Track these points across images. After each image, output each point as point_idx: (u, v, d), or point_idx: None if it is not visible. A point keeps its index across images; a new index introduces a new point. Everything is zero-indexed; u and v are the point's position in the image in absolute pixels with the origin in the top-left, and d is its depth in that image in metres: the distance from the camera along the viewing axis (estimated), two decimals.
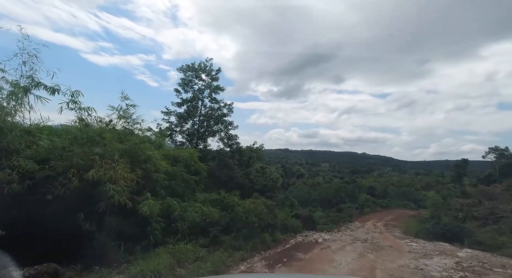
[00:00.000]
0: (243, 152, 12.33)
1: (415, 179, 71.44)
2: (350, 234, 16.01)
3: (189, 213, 5.42)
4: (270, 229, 8.81)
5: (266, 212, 7.96)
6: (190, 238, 5.70)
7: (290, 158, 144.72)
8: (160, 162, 5.37)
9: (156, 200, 5.24)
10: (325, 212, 37.53)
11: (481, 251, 10.34)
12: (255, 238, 7.40)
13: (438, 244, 13.35)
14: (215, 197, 7.10)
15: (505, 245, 13.95)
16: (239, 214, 6.98)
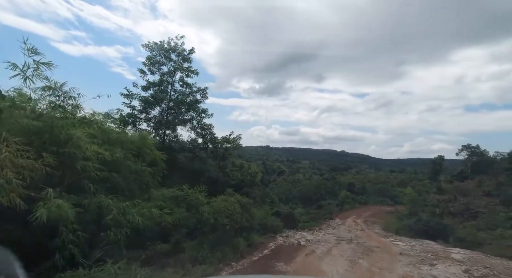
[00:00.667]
0: (218, 143, 10.83)
1: (390, 176, 73.34)
2: (333, 232, 15.07)
3: (131, 216, 3.89)
4: (246, 231, 7.45)
5: (240, 212, 6.57)
6: (132, 251, 4.20)
7: (271, 155, 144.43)
8: (89, 146, 3.77)
9: (83, 198, 3.67)
10: (306, 209, 36.86)
11: (472, 250, 9.64)
12: (226, 244, 5.99)
13: (423, 242, 12.69)
14: (176, 194, 5.55)
15: (485, 242, 13.62)
16: (204, 215, 5.50)
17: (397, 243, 11.07)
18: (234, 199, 7.05)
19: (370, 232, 16.76)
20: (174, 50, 10.88)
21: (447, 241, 13.71)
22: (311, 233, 14.20)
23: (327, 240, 10.62)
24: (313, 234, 13.36)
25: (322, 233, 14.41)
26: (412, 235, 15.35)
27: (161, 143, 10.71)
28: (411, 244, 11.20)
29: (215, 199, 6.80)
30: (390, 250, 8.81)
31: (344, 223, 22.16)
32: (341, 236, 12.60)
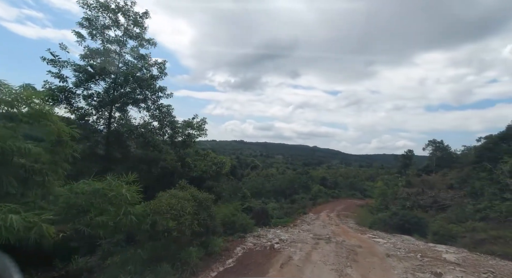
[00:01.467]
0: (178, 128, 8.92)
1: (359, 171, 75.75)
2: (308, 229, 13.93)
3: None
4: (205, 235, 5.72)
5: (191, 211, 4.79)
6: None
7: (245, 149, 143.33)
8: None
9: None
10: (279, 203, 36.03)
11: (457, 248, 8.88)
12: (170, 257, 4.26)
13: (402, 238, 11.96)
14: (94, 187, 3.63)
15: (458, 235, 13.33)
16: (131, 218, 3.65)
17: (377, 240, 10.10)
18: (187, 194, 5.28)
19: (345, 227, 15.95)
20: (120, 10, 8.62)
21: (423, 236, 13.24)
22: (285, 230, 12.90)
23: (304, 239, 9.30)
24: (288, 232, 12.06)
25: (297, 230, 13.18)
26: (387, 229, 14.77)
27: (107, 126, 8.58)
28: (391, 240, 10.30)
29: (161, 195, 5.01)
30: (374, 250, 7.68)
31: (318, 218, 21.37)
32: (318, 234, 11.41)
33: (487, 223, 13.94)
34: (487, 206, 14.29)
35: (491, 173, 15.67)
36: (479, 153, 17.40)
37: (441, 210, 19.13)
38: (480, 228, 12.88)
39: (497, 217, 12.68)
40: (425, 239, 11.99)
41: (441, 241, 12.75)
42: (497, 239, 11.11)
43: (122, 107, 8.77)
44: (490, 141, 17.26)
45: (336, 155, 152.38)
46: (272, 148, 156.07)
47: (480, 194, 15.95)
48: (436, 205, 20.32)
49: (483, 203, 14.64)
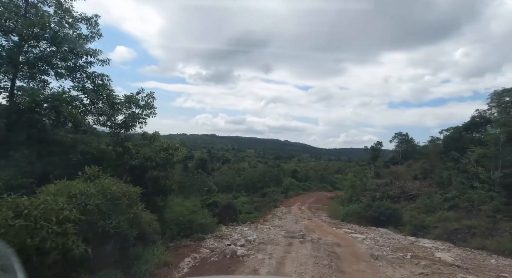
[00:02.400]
0: (116, 104, 6.84)
1: (329, 164, 77.50)
2: (280, 224, 12.63)
3: None
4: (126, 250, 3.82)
5: (77, 217, 2.89)
6: None
7: (216, 143, 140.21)
8: None
9: None
10: (250, 197, 34.70)
11: (443, 242, 8.05)
12: None
13: (379, 231, 11.14)
14: None
15: (431, 225, 12.98)
16: None
17: (355, 236, 9.04)
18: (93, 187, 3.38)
19: (318, 221, 14.99)
20: None
21: (397, 227, 12.67)
22: (254, 227, 11.43)
23: (275, 239, 7.85)
24: (257, 229, 10.58)
25: (267, 226, 11.79)
26: (361, 221, 14.07)
27: (10, 97, 6.22)
28: (370, 235, 9.30)
29: (43, 190, 3.11)
30: (356, 250, 6.46)
31: (290, 211, 20.37)
32: (290, 231, 10.09)
33: (456, 212, 13.84)
34: (455, 195, 14.22)
35: (458, 162, 15.69)
36: (446, 143, 17.45)
37: (409, 200, 19.13)
38: (452, 217, 12.62)
39: (468, 206, 12.47)
40: (402, 231, 11.29)
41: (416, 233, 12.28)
42: (472, 229, 10.76)
43: (34, 73, 6.44)
44: (456, 131, 17.39)
45: (307, 149, 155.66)
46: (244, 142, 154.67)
47: (447, 184, 16.00)
48: (404, 195, 20.33)
49: (452, 192, 14.57)
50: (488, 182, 12.92)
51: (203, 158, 72.54)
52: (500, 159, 13.35)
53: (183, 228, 7.38)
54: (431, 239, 10.71)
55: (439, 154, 18.76)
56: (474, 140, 15.94)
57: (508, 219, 10.30)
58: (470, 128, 17.04)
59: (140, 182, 5.78)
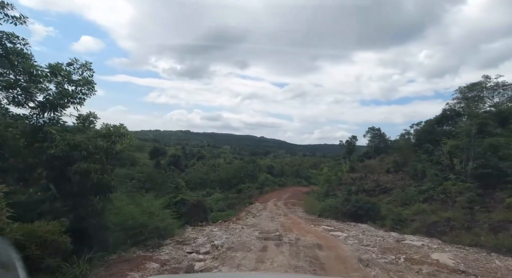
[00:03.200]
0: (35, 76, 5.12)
1: (304, 160, 78.33)
2: (254, 223, 11.50)
3: None
4: None
5: None
6: None
7: (191, 140, 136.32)
8: None
9: None
10: (224, 193, 33.34)
11: (430, 238, 7.42)
12: None
13: (359, 227, 10.44)
14: None
15: (409, 218, 12.67)
16: None
17: (336, 234, 8.15)
18: None
19: (295, 217, 14.12)
20: None
21: (375, 222, 12.16)
22: (225, 227, 10.17)
23: (247, 242, 6.66)
24: (228, 230, 9.34)
25: (240, 225, 10.59)
26: (339, 217, 13.43)
27: None
28: (351, 233, 8.49)
29: None
30: (342, 253, 5.49)
31: (265, 208, 19.39)
32: (265, 230, 8.98)
33: (431, 204, 13.74)
34: (430, 187, 14.13)
35: (432, 154, 15.68)
36: (419, 136, 17.48)
37: (384, 193, 19.06)
38: (429, 210, 12.38)
39: (444, 197, 12.29)
40: (383, 226, 10.71)
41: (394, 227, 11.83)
42: (450, 221, 10.46)
43: None
44: (429, 124, 17.47)
45: (282, 145, 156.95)
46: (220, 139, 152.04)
47: (421, 176, 15.98)
48: (379, 188, 20.28)
49: (426, 184, 14.48)
50: (461, 173, 12.86)
51: (176, 155, 69.50)
52: (472, 150, 13.38)
53: (133, 234, 5.89)
54: (410, 233, 10.25)
55: (412, 147, 18.84)
56: (446, 132, 16.03)
57: (485, 210, 10.09)
58: (441, 121, 17.18)
59: (62, 178, 4.23)
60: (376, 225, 11.41)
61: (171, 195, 14.08)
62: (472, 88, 17.19)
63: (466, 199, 11.56)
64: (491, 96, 16.66)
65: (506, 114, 15.50)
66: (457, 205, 11.41)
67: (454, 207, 11.85)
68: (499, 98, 16.50)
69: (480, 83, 16.92)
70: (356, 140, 30.26)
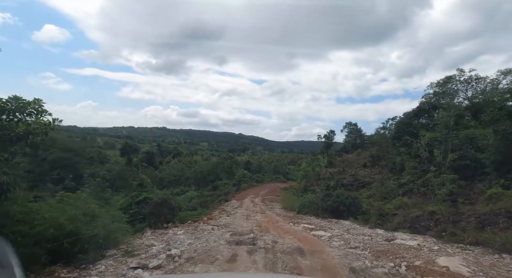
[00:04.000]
0: None
1: (281, 156, 78.19)
2: (227, 223, 10.18)
3: None
4: None
5: None
6: None
7: (167, 137, 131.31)
8: None
9: None
10: (200, 191, 31.61)
11: (422, 237, 6.61)
12: None
13: (342, 224, 9.54)
14: None
15: (389, 213, 12.10)
16: None
17: (318, 234, 7.10)
18: None
19: (272, 215, 13.03)
20: None
21: (356, 218, 11.42)
22: (192, 229, 8.75)
23: (213, 248, 5.36)
24: (195, 232, 7.96)
25: (210, 226, 9.21)
26: (318, 213, 12.57)
27: None
28: (335, 231, 7.51)
29: None
30: (327, 260, 4.40)
31: (241, 205, 18.16)
32: (238, 231, 7.73)
33: (412, 198, 13.34)
34: (409, 181, 13.75)
35: (411, 147, 15.36)
36: (398, 129, 17.18)
37: (362, 188, 18.67)
38: (410, 203, 11.88)
39: (426, 190, 11.85)
40: (366, 223, 9.91)
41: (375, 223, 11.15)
42: (434, 215, 9.93)
43: None
44: (407, 117, 17.24)
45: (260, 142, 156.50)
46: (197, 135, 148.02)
47: (400, 169, 15.64)
48: (357, 183, 19.89)
49: (405, 177, 14.11)
50: (440, 166, 12.53)
51: (150, 152, 65.78)
52: (449, 142, 13.13)
53: (53, 247, 4.33)
54: (393, 229, 9.56)
55: (390, 141, 18.57)
56: (423, 125, 15.81)
57: (468, 202, 9.64)
58: (418, 114, 17.00)
59: None
60: (358, 221, 10.64)
61: (133, 193, 12.33)
62: (447, 81, 17.16)
63: (447, 191, 11.14)
64: (464, 90, 16.71)
65: (479, 106, 15.54)
66: (438, 197, 10.96)
67: (435, 200, 11.43)
68: (472, 91, 16.58)
69: (455, 76, 16.93)
70: (334, 134, 30.05)
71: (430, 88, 18.52)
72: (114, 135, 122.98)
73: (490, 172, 11.19)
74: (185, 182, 36.20)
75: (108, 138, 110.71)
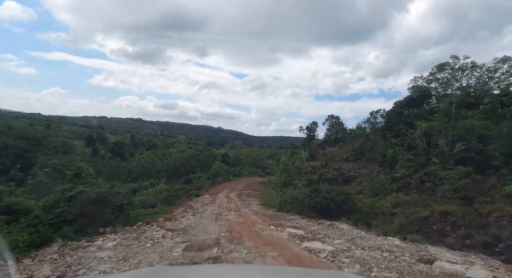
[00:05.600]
0: None
1: (260, 150, 76.22)
2: (187, 226, 7.53)
3: None
4: None
5: None
6: None
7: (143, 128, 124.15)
8: None
9: None
10: (170, 184, 28.44)
11: (451, 251, 4.45)
12: None
13: (340, 230, 7.26)
14: None
15: (386, 211, 10.17)
16: None
17: (313, 247, 4.73)
18: None
19: (249, 213, 10.56)
20: None
21: (349, 218, 9.31)
22: (133, 238, 6.02)
23: None
24: (131, 245, 5.25)
25: (161, 233, 6.52)
26: (303, 211, 10.34)
27: None
28: (334, 241, 5.20)
29: None
30: None
31: (213, 201, 15.53)
32: (197, 242, 5.14)
33: (408, 194, 11.55)
34: (405, 175, 11.98)
35: (404, 138, 13.62)
36: (389, 118, 15.41)
37: (347, 183, 16.85)
38: (412, 201, 10.00)
39: (431, 186, 10.00)
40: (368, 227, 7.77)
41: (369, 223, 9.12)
42: (448, 216, 8.03)
43: None
44: (398, 106, 15.52)
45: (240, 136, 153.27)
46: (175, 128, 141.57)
47: (391, 163, 13.89)
48: (341, 177, 18.04)
49: (400, 171, 12.32)
50: (445, 157, 10.79)
51: (119, 142, 60.37)
52: (450, 132, 11.46)
53: None
54: (395, 232, 7.55)
55: (380, 132, 16.83)
56: (418, 115, 14.14)
57: (488, 201, 7.80)
58: (410, 103, 15.33)
59: None
60: (353, 222, 8.50)
61: (65, 186, 9.22)
62: (441, 68, 15.62)
63: (451, 187, 9.33)
64: (459, 78, 15.26)
65: (476, 96, 14.09)
66: (445, 195, 9.13)
67: (438, 197, 9.64)
68: (467, 80, 15.16)
69: (449, 63, 15.43)
70: (317, 126, 28.19)
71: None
72: (83, 125, 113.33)
73: (500, 166, 9.62)
74: (155, 175, 32.69)
75: (77, 127, 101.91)
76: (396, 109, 15.32)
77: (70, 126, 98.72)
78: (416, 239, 6.46)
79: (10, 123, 63.01)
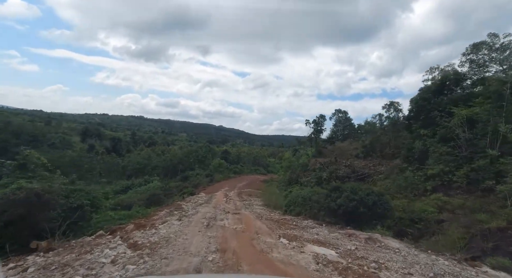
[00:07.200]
0: None
1: (262, 149, 74.00)
2: (162, 239, 5.12)
3: None
4: None
5: None
6: None
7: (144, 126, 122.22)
8: None
9: None
10: (165, 181, 26.12)
11: None
12: None
13: (394, 249, 4.84)
14: None
15: (429, 218, 7.76)
16: None
17: None
18: None
19: (250, 217, 8.16)
20: None
21: (383, 226, 6.90)
22: (74, 255, 3.70)
23: None
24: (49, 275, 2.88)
25: (116, 251, 4.15)
26: (320, 216, 7.96)
27: None
28: (386, 267, 2.71)
29: None
30: None
31: (209, 200, 13.15)
32: (165, 270, 2.74)
33: (449, 195, 9.13)
34: (444, 171, 9.56)
35: (436, 128, 11.18)
36: (416, 106, 12.94)
37: (361, 181, 14.41)
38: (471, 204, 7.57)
39: (492, 185, 7.57)
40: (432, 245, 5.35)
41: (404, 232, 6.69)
42: None
43: None
44: (425, 92, 13.07)
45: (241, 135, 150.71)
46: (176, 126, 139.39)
47: (420, 157, 11.46)
48: (354, 175, 15.64)
49: (436, 167, 9.90)
50: (501, 148, 8.35)
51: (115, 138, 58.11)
52: (503, 119, 9.02)
53: None
54: (454, 249, 5.17)
55: (403, 124, 14.37)
56: (452, 100, 11.68)
57: None
58: (440, 90, 12.87)
59: None
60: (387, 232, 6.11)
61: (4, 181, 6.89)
62: (477, 48, 13.13)
63: None
64: (498, 60, 12.75)
65: None
66: None
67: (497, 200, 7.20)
68: (507, 63, 12.64)
69: (487, 43, 12.94)
70: (325, 119, 25.69)
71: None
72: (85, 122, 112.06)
73: None
74: (151, 172, 30.37)
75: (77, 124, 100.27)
76: (423, 95, 12.83)
77: (71, 123, 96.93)
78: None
79: (9, 119, 61.11)
